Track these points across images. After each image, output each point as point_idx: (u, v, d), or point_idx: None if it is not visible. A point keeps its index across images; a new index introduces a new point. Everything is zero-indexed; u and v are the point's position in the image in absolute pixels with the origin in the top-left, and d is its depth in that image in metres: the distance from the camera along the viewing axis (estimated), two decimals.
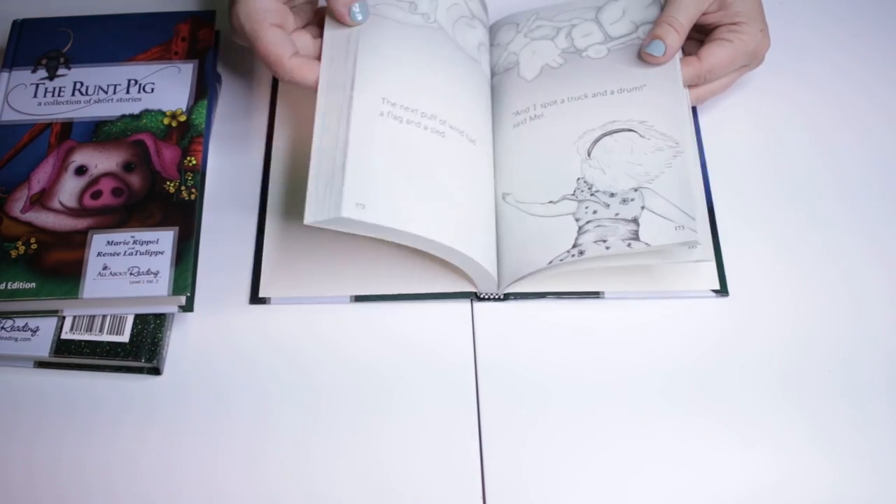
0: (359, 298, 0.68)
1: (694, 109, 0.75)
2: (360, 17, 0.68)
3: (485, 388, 0.65)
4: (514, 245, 0.67)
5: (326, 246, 0.69)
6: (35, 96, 0.72)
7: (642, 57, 0.70)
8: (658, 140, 0.67)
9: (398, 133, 0.64)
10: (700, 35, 0.73)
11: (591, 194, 0.66)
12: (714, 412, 0.64)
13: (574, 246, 0.64)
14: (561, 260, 0.64)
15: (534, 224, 0.67)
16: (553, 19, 0.76)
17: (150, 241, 0.65)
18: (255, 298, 0.68)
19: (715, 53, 0.70)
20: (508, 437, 0.63)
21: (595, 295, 0.68)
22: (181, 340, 0.67)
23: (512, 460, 0.62)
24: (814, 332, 0.67)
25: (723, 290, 0.68)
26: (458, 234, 0.63)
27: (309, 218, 0.60)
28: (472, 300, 0.68)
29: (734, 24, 0.71)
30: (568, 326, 0.67)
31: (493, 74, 0.75)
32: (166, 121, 0.71)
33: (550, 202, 0.67)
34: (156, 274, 0.64)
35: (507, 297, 0.68)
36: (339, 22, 0.69)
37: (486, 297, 0.68)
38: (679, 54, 0.70)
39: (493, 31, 0.78)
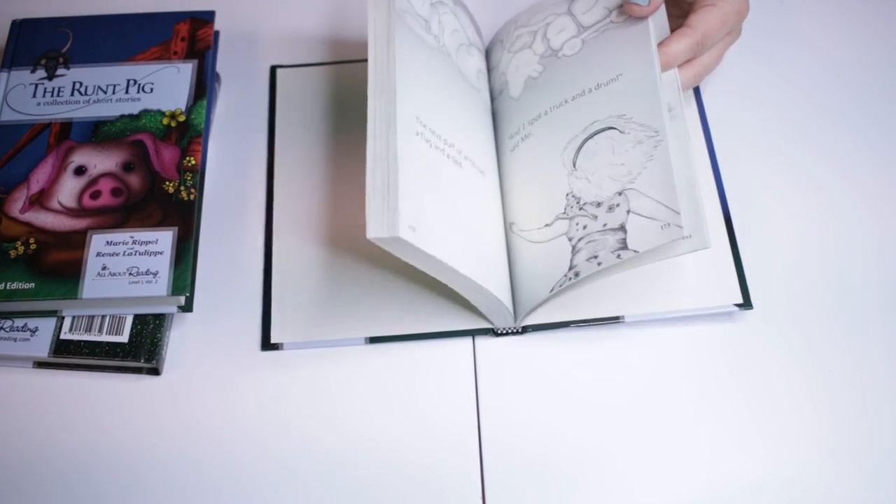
0: (374, 340, 0.66)
1: (704, 121, 0.74)
2: None
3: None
4: (523, 276, 0.65)
5: (338, 285, 0.68)
6: (34, 96, 0.72)
7: (626, 10, 0.67)
8: (637, 132, 0.64)
9: (430, 157, 0.62)
10: (679, 11, 0.72)
11: (580, 208, 0.63)
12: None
13: (570, 268, 0.62)
14: (561, 286, 0.62)
15: (534, 252, 0.65)
16: (529, 23, 0.74)
17: (150, 242, 0.65)
18: (267, 345, 0.66)
19: (705, 19, 0.68)
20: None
21: (615, 320, 0.65)
22: (180, 341, 0.67)
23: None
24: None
25: (746, 304, 0.66)
26: (479, 268, 0.61)
27: (371, 233, 0.57)
28: (490, 336, 0.66)
29: None
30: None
31: (492, 100, 0.74)
32: (165, 121, 0.71)
33: (546, 226, 0.65)
34: (155, 274, 0.64)
35: (525, 329, 0.66)
36: None
37: (504, 331, 0.66)
38: (658, 49, 0.68)
39: (488, 54, 0.77)
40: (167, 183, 0.68)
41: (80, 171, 0.69)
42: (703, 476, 0.61)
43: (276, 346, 0.66)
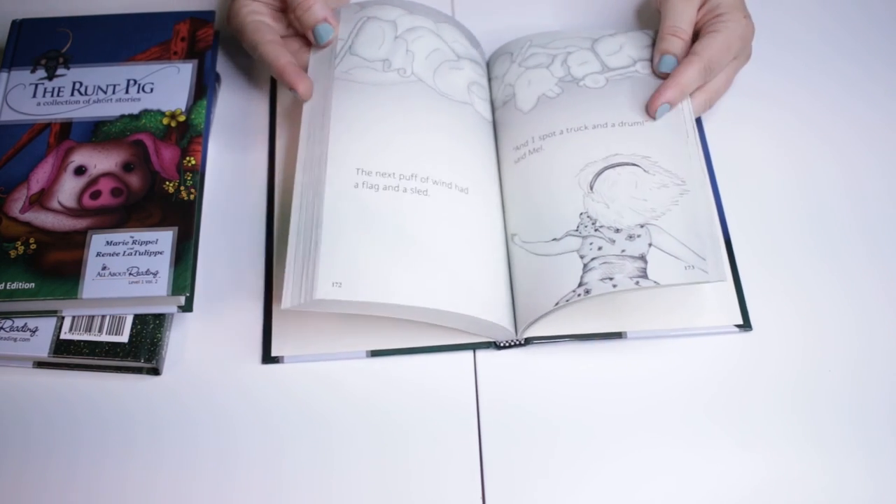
0: (375, 353, 0.66)
1: (704, 143, 0.74)
2: (322, 39, 0.69)
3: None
4: (526, 288, 0.65)
5: None
6: (34, 96, 0.72)
7: (658, 76, 0.70)
8: (663, 176, 0.65)
9: (375, 203, 0.63)
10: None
11: (596, 230, 0.64)
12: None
13: (580, 285, 0.62)
14: (567, 300, 0.62)
15: (539, 264, 0.64)
16: (547, 46, 0.74)
17: (150, 242, 0.65)
18: (268, 358, 0.66)
19: (709, 44, 0.70)
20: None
21: (617, 336, 0.65)
22: (180, 341, 0.67)
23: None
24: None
25: (746, 325, 0.66)
26: (452, 295, 0.62)
27: (286, 303, 0.60)
28: (493, 349, 0.66)
29: (717, 16, 0.71)
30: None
31: (493, 109, 0.74)
32: (165, 121, 0.71)
33: (554, 239, 0.65)
34: (155, 274, 0.64)
35: (528, 342, 0.65)
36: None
37: (506, 344, 0.65)
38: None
39: (490, 63, 0.76)
40: (167, 183, 0.68)
41: (80, 171, 0.69)
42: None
43: (276, 360, 0.66)
